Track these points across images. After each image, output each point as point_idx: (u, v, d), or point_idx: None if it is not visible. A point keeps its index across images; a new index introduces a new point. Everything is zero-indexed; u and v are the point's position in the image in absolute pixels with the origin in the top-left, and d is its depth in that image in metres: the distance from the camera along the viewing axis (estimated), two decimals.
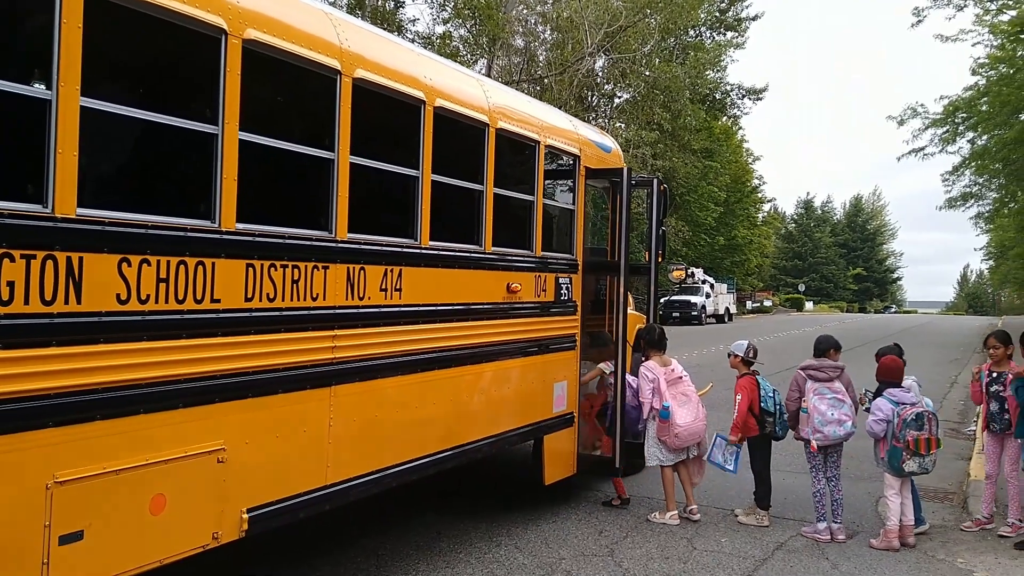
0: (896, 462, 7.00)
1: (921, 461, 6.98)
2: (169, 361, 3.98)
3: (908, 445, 6.92)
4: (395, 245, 5.53)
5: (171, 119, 4.03)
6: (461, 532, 7.07)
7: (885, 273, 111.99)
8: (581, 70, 35.32)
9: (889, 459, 7.07)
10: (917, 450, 6.92)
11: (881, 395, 7.26)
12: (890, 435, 7.03)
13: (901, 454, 6.96)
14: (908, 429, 6.93)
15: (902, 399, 7.12)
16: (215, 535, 4.27)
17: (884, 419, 7.07)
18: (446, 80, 6.13)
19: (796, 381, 7.65)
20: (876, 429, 7.11)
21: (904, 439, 6.93)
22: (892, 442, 7.02)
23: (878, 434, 7.11)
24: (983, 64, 28.83)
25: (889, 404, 7.11)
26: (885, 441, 7.10)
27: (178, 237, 4.02)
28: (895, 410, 7.05)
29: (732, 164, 56.80)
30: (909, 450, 6.93)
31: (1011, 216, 41.92)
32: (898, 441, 6.98)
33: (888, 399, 7.15)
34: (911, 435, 6.92)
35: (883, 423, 7.07)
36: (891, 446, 7.04)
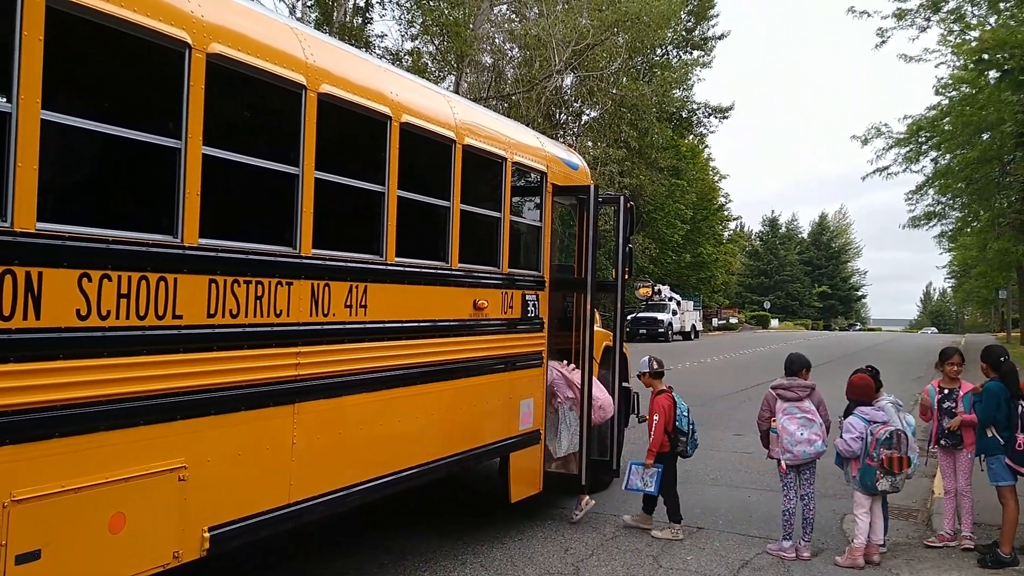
0: (869, 480, 7.04)
1: (893, 480, 7.03)
2: (129, 378, 3.92)
3: (882, 463, 6.96)
4: (360, 261, 5.51)
5: (134, 133, 3.98)
6: (427, 551, 7.02)
7: (849, 291, 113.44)
8: (549, 87, 35.50)
9: (861, 477, 7.10)
10: (890, 468, 6.97)
11: (852, 413, 7.31)
12: (863, 453, 7.06)
13: (874, 472, 7.00)
14: (881, 448, 6.96)
15: (873, 417, 7.17)
16: (176, 554, 4.20)
17: (858, 437, 7.10)
18: (413, 96, 6.14)
19: (767, 400, 7.69)
20: (854, 447, 7.13)
21: (878, 457, 6.97)
22: (865, 460, 7.05)
23: (855, 452, 7.13)
24: (946, 84, 29.39)
25: (861, 422, 7.16)
26: (857, 460, 7.14)
27: (140, 252, 3.97)
28: (868, 428, 7.09)
29: (699, 182, 57.39)
30: (883, 468, 6.97)
31: (974, 235, 42.68)
32: (871, 459, 7.01)
33: (860, 417, 7.20)
34: (884, 453, 6.95)
35: (858, 441, 7.10)
36: (864, 464, 7.07)
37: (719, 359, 32.39)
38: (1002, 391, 7.14)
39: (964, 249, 53.51)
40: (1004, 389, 7.15)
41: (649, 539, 7.64)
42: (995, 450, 7.12)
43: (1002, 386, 7.17)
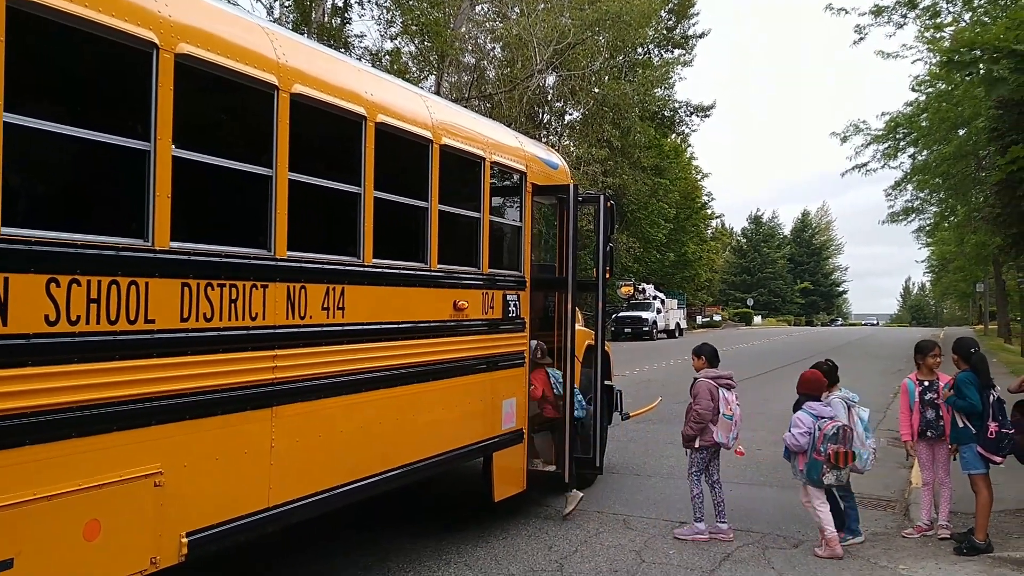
0: (815, 474, 7.15)
1: (839, 474, 7.15)
2: (101, 383, 3.88)
3: (828, 458, 7.06)
4: (337, 263, 5.47)
5: (101, 135, 3.94)
6: (410, 552, 7.00)
7: (831, 287, 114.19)
8: (531, 87, 35.53)
9: (808, 471, 7.20)
10: (836, 463, 7.08)
11: (801, 408, 7.41)
12: (811, 448, 7.16)
13: (821, 467, 7.11)
14: (828, 443, 7.07)
15: (821, 412, 7.28)
16: (153, 560, 4.16)
17: (806, 431, 7.21)
18: (388, 96, 6.11)
19: (709, 391, 7.78)
20: (802, 441, 7.22)
21: (825, 452, 7.07)
22: (812, 455, 7.15)
23: (803, 446, 7.22)
24: (923, 81, 29.60)
25: (809, 417, 7.27)
26: (804, 454, 7.23)
27: (109, 256, 3.92)
28: (816, 423, 7.19)
29: (681, 181, 57.53)
30: (829, 463, 7.08)
31: (951, 230, 43.06)
32: (819, 454, 7.11)
33: (808, 412, 7.31)
34: (831, 448, 7.06)
35: (806, 435, 7.20)
36: (811, 459, 7.17)
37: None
38: (974, 380, 7.20)
39: (942, 244, 53.97)
40: (975, 379, 7.22)
41: (633, 535, 7.65)
42: (968, 439, 7.20)
43: (974, 376, 7.24)
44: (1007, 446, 7.09)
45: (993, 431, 7.04)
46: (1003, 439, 7.06)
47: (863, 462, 7.31)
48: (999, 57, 10.32)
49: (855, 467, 7.27)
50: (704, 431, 7.73)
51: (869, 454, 7.37)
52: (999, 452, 7.09)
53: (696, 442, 7.76)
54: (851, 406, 7.47)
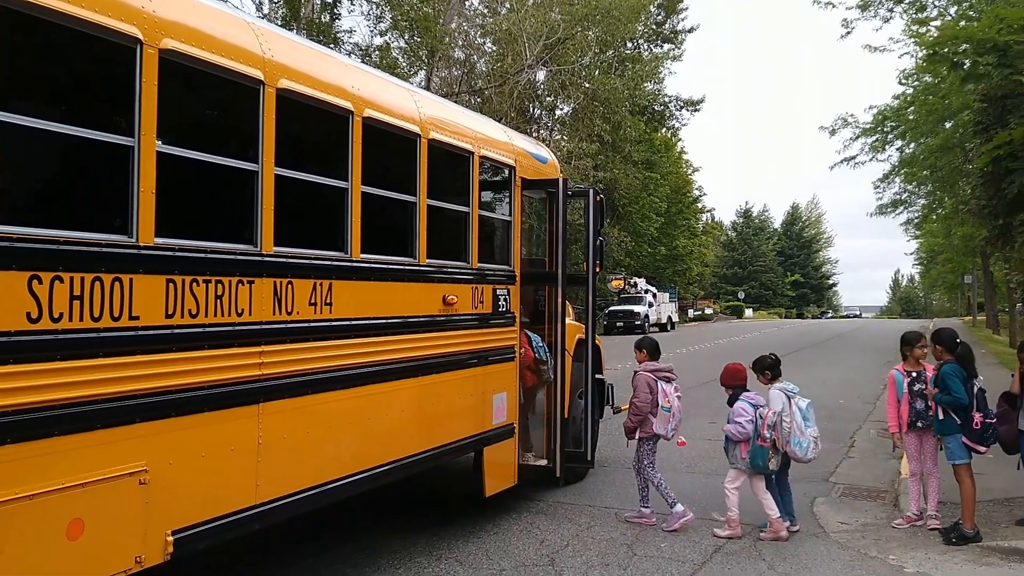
0: (761, 460, 7.36)
1: (777, 459, 7.41)
2: (84, 381, 3.85)
3: (773, 443, 7.32)
4: (324, 258, 5.45)
5: (85, 131, 3.91)
6: (400, 547, 6.98)
7: (821, 279, 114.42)
8: (521, 82, 35.47)
9: (752, 458, 7.40)
10: (779, 448, 7.36)
11: (739, 399, 7.62)
12: (754, 435, 7.37)
13: (767, 452, 7.33)
14: (771, 429, 7.32)
15: (757, 402, 7.56)
16: (138, 559, 4.13)
17: (750, 420, 7.43)
18: (375, 91, 6.08)
19: (648, 383, 7.89)
20: (748, 429, 7.42)
21: (769, 438, 7.32)
22: (756, 442, 7.36)
23: (748, 434, 7.41)
24: (910, 75, 29.64)
25: (750, 407, 7.51)
26: (747, 442, 7.43)
27: (92, 253, 3.89)
28: (756, 412, 7.44)
29: (672, 175, 57.58)
30: (775, 448, 7.34)
31: (939, 222, 43.15)
32: (763, 441, 7.33)
33: (747, 402, 7.55)
34: (774, 435, 7.33)
35: (750, 423, 7.41)
36: (754, 446, 7.37)
37: (695, 349, 32.54)
38: (959, 373, 7.23)
39: (930, 236, 54.13)
40: (960, 370, 7.24)
41: (625, 528, 7.65)
42: (953, 430, 7.23)
43: (959, 367, 7.27)
44: (992, 436, 7.13)
45: (978, 422, 7.08)
46: (988, 429, 7.10)
47: (803, 450, 7.46)
48: (983, 51, 10.36)
49: (796, 455, 7.46)
50: (644, 423, 7.86)
51: (809, 443, 7.50)
52: (984, 443, 7.14)
53: (636, 434, 7.91)
54: (791, 397, 7.61)
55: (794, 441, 7.40)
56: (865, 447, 11.82)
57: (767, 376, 7.86)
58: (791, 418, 7.42)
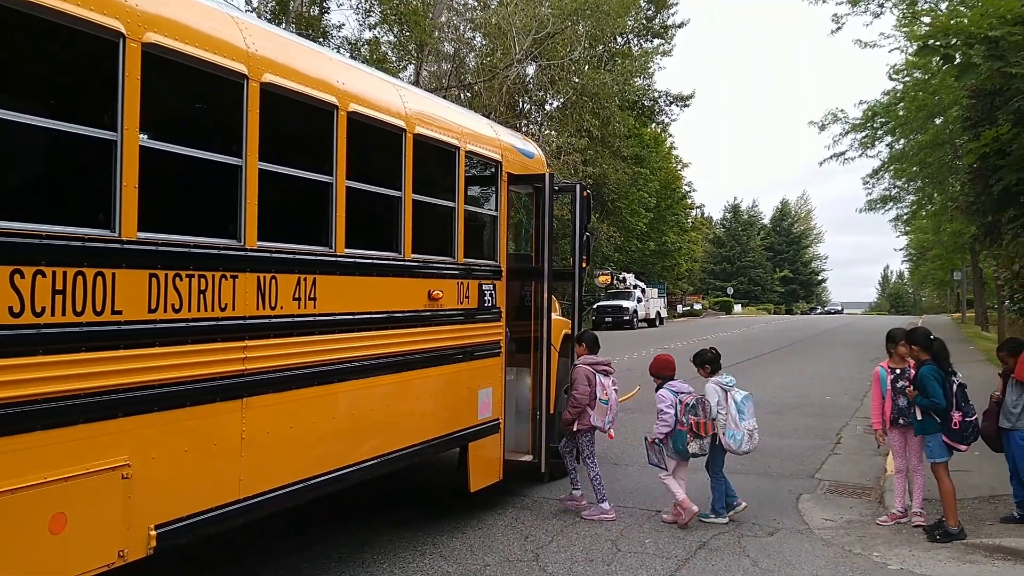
0: (681, 445, 7.65)
1: (701, 443, 7.69)
2: (67, 375, 3.85)
3: (692, 427, 7.61)
4: (308, 253, 5.44)
5: (67, 125, 3.90)
6: (385, 543, 6.99)
7: (810, 275, 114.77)
8: (510, 77, 35.43)
9: (674, 443, 7.68)
10: (698, 432, 7.63)
11: (663, 388, 7.89)
12: (675, 420, 7.67)
13: (685, 436, 7.64)
14: (690, 414, 7.62)
15: (680, 389, 7.85)
16: (121, 553, 4.13)
17: (671, 405, 7.70)
18: (360, 85, 6.07)
19: (587, 376, 8.01)
20: (670, 413, 7.68)
21: (688, 423, 7.61)
22: (676, 426, 7.67)
23: (670, 421, 7.67)
24: (899, 70, 29.76)
25: (671, 394, 7.79)
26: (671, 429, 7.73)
27: (75, 247, 3.89)
28: (677, 398, 7.72)
29: (662, 171, 57.64)
30: (692, 432, 7.62)
31: (928, 218, 43.39)
32: (682, 425, 7.64)
33: (669, 390, 7.83)
34: (692, 419, 7.63)
35: (671, 408, 7.69)
36: (675, 430, 7.67)
37: (683, 344, 32.55)
38: (937, 374, 7.27)
39: (920, 232, 54.37)
40: (937, 370, 7.30)
41: (609, 524, 7.68)
42: (933, 429, 7.29)
43: (935, 368, 7.32)
44: (972, 434, 7.18)
45: (957, 421, 7.13)
46: (967, 428, 7.15)
47: (737, 443, 7.69)
48: (973, 43, 10.38)
49: (731, 447, 7.70)
50: (582, 415, 7.97)
51: (744, 435, 7.71)
52: (964, 441, 7.19)
53: (575, 425, 8.01)
54: (727, 390, 7.84)
55: (728, 433, 7.69)
56: (851, 444, 11.87)
57: (706, 370, 8.09)
58: (727, 411, 7.71)
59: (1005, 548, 6.94)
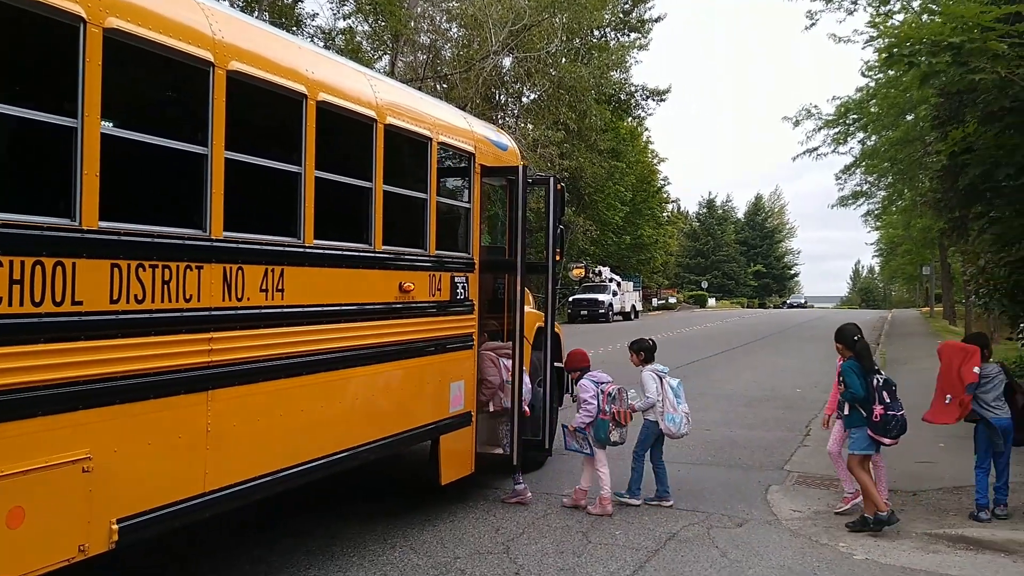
0: (603, 433, 7.85)
1: (621, 432, 7.94)
2: (25, 367, 3.77)
3: (613, 416, 7.83)
4: (276, 244, 5.38)
5: (26, 112, 3.81)
6: (355, 536, 6.95)
7: (783, 270, 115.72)
8: (487, 68, 35.34)
9: (596, 431, 7.86)
10: (620, 421, 7.86)
11: (583, 378, 8.07)
12: (596, 410, 7.85)
13: (608, 425, 7.85)
14: (611, 403, 7.86)
15: (600, 379, 8.04)
16: (82, 547, 4.06)
17: (593, 395, 7.89)
18: (330, 74, 6.00)
19: (491, 360, 8.23)
20: (594, 404, 7.85)
21: (610, 411, 7.85)
22: (599, 416, 7.86)
23: (593, 411, 7.84)
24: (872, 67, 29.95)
25: (592, 384, 7.96)
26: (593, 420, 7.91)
27: (33, 236, 3.80)
28: (598, 388, 7.92)
29: (638, 164, 57.83)
30: (614, 421, 7.84)
31: (899, 213, 43.84)
32: (604, 414, 7.86)
33: (590, 380, 8.01)
34: (614, 408, 7.86)
35: (595, 398, 7.88)
36: (597, 420, 7.86)
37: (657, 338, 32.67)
38: (857, 368, 7.44)
39: (890, 227, 54.92)
40: (857, 365, 7.47)
41: (580, 516, 7.68)
42: (859, 423, 7.44)
43: (857, 363, 7.49)
44: (895, 428, 7.31)
45: (878, 415, 7.28)
46: (889, 421, 7.28)
47: (677, 425, 8.04)
48: (938, 50, 10.50)
49: (670, 431, 8.02)
50: (495, 397, 8.21)
51: (682, 418, 8.08)
52: (887, 434, 7.31)
53: (490, 407, 8.22)
54: (662, 377, 8.18)
55: (668, 417, 8.01)
56: (820, 436, 11.89)
57: (640, 357, 8.37)
58: (663, 396, 8.04)
59: (967, 538, 7.05)
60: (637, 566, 6.41)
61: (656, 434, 8.14)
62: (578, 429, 7.91)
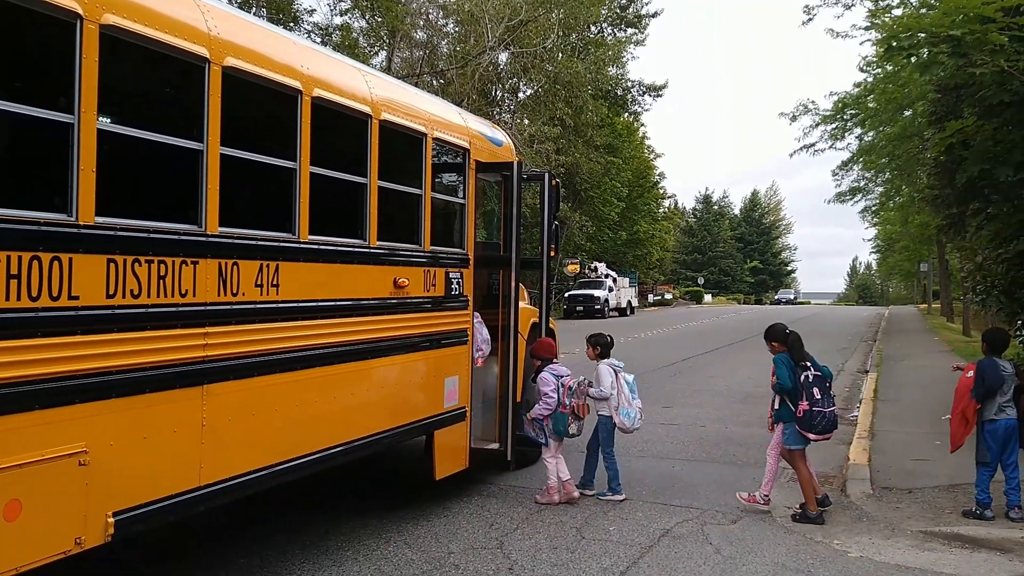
0: (562, 426, 7.96)
1: (579, 424, 8.09)
2: (22, 361, 3.80)
3: (573, 410, 7.95)
4: (271, 239, 5.40)
5: (23, 108, 3.82)
6: (350, 530, 6.98)
7: (780, 266, 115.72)
8: (483, 64, 35.34)
9: (555, 424, 7.95)
10: (578, 415, 8.00)
11: (544, 371, 8.13)
12: (556, 403, 7.95)
13: (567, 419, 7.96)
14: (571, 397, 7.96)
15: (560, 372, 8.13)
16: (78, 540, 4.10)
17: (554, 388, 7.96)
18: (325, 70, 6.02)
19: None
20: (554, 397, 7.92)
21: (570, 404, 7.95)
22: (558, 409, 7.95)
23: (553, 404, 7.92)
24: (870, 62, 29.92)
25: (552, 377, 8.04)
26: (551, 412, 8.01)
27: (30, 231, 3.83)
28: (559, 381, 8.01)
29: (634, 160, 57.80)
30: (573, 414, 7.98)
31: (896, 209, 43.82)
32: (564, 407, 7.95)
33: (551, 373, 8.08)
34: (574, 402, 7.97)
35: (555, 392, 7.95)
36: (556, 412, 7.95)
37: (653, 334, 32.81)
38: (787, 361, 7.60)
39: (888, 223, 54.91)
40: (788, 358, 7.62)
41: (574, 511, 7.72)
42: (788, 417, 7.57)
43: (786, 356, 7.65)
44: (820, 424, 7.43)
45: (802, 410, 7.42)
46: (815, 417, 7.41)
47: (631, 420, 8.16)
48: (937, 42, 10.49)
49: (624, 425, 8.12)
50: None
51: (636, 413, 8.20)
52: (812, 429, 7.44)
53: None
54: (617, 371, 8.27)
55: (623, 412, 8.12)
56: None
57: (597, 351, 8.45)
58: (619, 391, 8.15)
59: (963, 536, 7.07)
60: (631, 562, 6.45)
61: (612, 427, 8.23)
62: (536, 419, 8.00)
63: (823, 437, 7.57)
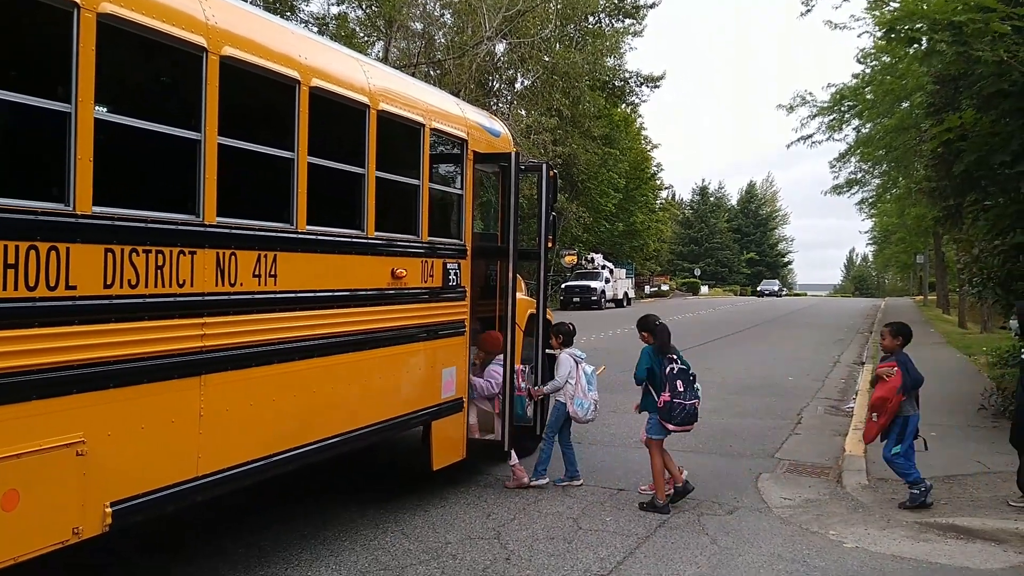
0: (521, 409, 8.53)
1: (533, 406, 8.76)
2: (19, 351, 3.79)
3: (529, 393, 8.56)
4: (269, 230, 5.39)
5: (19, 96, 3.81)
6: (347, 520, 7.00)
7: (777, 257, 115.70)
8: (480, 54, 35.24)
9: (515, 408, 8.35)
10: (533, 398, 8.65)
11: (493, 361, 8.44)
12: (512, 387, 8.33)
13: (524, 401, 8.65)
14: (526, 381, 8.49)
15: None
16: (76, 530, 4.10)
17: (500, 380, 8.27)
18: (323, 60, 6.00)
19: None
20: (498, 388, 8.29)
21: (526, 388, 8.53)
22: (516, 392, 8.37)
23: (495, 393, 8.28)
24: (868, 54, 29.88)
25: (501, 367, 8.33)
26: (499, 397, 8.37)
27: (28, 221, 3.82)
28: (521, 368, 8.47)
29: (631, 151, 57.75)
30: (529, 397, 8.65)
31: (893, 201, 43.86)
32: (520, 390, 8.46)
33: (498, 364, 8.39)
34: (528, 386, 8.55)
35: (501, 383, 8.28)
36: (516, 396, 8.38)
37: None
38: (650, 352, 7.75)
39: (884, 215, 54.93)
40: (651, 349, 7.76)
41: (571, 503, 7.74)
42: (651, 408, 7.72)
43: (651, 348, 7.78)
44: (679, 415, 7.56)
45: (663, 401, 7.55)
46: (674, 408, 7.53)
47: (584, 411, 8.19)
48: (938, 28, 10.49)
49: (577, 415, 8.18)
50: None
51: (590, 404, 8.23)
52: (671, 420, 7.56)
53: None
54: (578, 362, 8.35)
55: (577, 402, 8.17)
56: (811, 424, 12.04)
57: (559, 340, 8.53)
58: (576, 381, 8.21)
59: (958, 527, 7.11)
60: (627, 552, 6.47)
61: (565, 416, 8.28)
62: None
63: (682, 428, 7.73)
